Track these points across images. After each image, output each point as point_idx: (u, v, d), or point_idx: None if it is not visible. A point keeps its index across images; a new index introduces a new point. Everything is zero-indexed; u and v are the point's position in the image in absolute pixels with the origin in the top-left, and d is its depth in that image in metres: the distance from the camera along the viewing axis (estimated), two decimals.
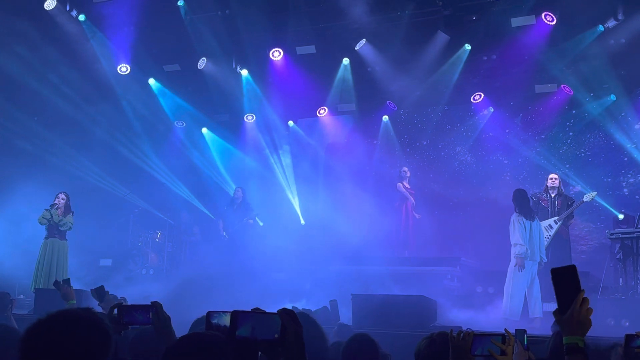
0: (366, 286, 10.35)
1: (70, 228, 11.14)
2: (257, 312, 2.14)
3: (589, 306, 2.11)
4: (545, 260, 9.58)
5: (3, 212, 12.41)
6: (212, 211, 14.33)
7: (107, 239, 13.82)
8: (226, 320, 2.26)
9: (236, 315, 2.06)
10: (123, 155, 14.31)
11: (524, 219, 9.34)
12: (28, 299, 11.22)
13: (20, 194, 12.23)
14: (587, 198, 10.32)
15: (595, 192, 10.58)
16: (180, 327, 3.44)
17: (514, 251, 9.34)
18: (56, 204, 11.04)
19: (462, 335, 2.92)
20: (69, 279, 5.77)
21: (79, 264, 11.87)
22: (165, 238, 14.17)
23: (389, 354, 4.25)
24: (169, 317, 3.05)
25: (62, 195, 11.14)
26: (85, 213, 12.26)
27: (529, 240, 9.30)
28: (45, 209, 11.00)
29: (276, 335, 2.06)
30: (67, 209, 11.16)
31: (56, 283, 5.77)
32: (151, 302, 3.07)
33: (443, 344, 3.04)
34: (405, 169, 13.12)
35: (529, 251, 9.27)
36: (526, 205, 9.54)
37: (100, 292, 5.06)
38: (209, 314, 2.36)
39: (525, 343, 3.34)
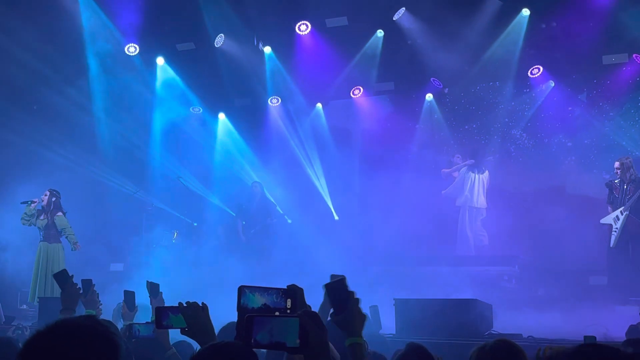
0: (411, 289, 10.21)
1: (65, 231, 10.72)
2: (275, 315, 2.26)
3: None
4: (484, 209, 11.99)
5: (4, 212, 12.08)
6: (233, 209, 13.91)
7: (118, 240, 13.44)
8: (255, 302, 2.45)
9: (251, 319, 2.04)
10: (130, 149, 13.98)
11: (467, 170, 12.15)
12: (31, 310, 11.02)
13: (21, 193, 11.77)
14: None
15: None
16: None
17: None
18: (35, 201, 10.70)
19: (549, 351, 2.75)
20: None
21: (85, 269, 11.01)
22: (183, 239, 13.72)
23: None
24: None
25: (46, 193, 10.78)
26: (93, 213, 12.40)
27: (469, 189, 12.00)
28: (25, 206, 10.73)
29: (298, 341, 2.03)
30: (57, 208, 10.75)
31: (86, 282, 4.54)
32: (186, 303, 3.13)
33: (501, 354, 3.03)
34: (459, 156, 12.86)
35: (462, 196, 12.02)
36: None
37: (154, 289, 4.93)
38: (241, 290, 2.45)
39: None
